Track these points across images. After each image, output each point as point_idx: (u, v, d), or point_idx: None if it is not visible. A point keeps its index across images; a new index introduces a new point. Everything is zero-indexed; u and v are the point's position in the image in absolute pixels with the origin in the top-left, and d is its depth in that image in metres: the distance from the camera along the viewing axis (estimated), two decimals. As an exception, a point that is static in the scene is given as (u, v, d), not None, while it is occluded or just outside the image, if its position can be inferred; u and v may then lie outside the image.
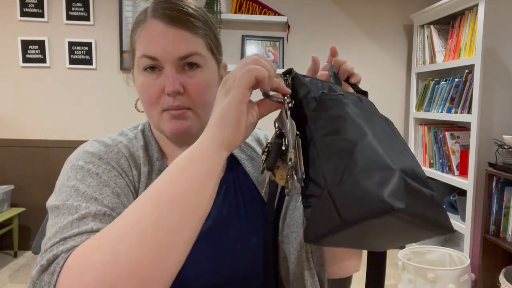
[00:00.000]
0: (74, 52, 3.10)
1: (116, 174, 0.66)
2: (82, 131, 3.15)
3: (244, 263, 0.71)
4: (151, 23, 0.67)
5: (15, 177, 3.14)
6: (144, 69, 0.68)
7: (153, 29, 0.66)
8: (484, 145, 2.37)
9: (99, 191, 0.61)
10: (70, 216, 0.56)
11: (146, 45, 0.67)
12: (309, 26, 3.24)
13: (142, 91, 0.70)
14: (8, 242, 3.11)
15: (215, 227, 0.71)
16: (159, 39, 0.66)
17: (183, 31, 0.66)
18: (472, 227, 2.40)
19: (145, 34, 0.67)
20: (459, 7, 2.58)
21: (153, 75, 0.68)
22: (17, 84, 3.10)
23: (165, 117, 0.69)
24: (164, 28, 0.66)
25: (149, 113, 0.72)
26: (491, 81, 2.37)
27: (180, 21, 0.66)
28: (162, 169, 0.72)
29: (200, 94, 0.69)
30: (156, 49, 0.66)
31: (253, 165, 0.80)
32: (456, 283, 2.04)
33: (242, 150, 0.82)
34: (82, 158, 0.67)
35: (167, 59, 0.66)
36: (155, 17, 0.67)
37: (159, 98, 0.68)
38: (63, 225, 0.55)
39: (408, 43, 3.33)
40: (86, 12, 3.07)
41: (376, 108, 0.64)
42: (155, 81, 0.67)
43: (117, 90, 3.16)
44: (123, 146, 0.71)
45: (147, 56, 0.66)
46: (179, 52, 0.66)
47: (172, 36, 0.66)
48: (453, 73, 2.96)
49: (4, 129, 3.13)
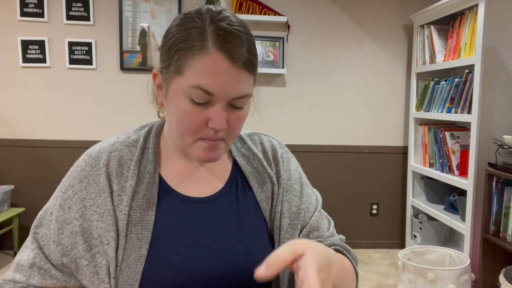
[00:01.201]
0: (74, 52, 3.10)
1: (86, 205, 0.71)
2: (82, 131, 3.15)
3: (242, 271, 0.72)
4: (215, 56, 0.62)
5: (15, 177, 3.14)
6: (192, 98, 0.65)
7: (217, 65, 0.62)
8: (484, 145, 2.37)
9: (61, 229, 0.71)
10: (24, 257, 0.73)
11: (205, 78, 0.62)
12: (309, 26, 3.24)
13: (183, 118, 0.66)
14: (8, 242, 3.12)
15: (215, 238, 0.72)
16: (221, 77, 0.62)
17: (244, 72, 0.64)
18: (472, 227, 2.40)
19: (206, 65, 0.62)
20: (459, 7, 2.58)
21: (200, 106, 0.65)
22: (17, 84, 3.10)
23: (200, 145, 0.69)
24: (228, 67, 0.62)
25: (182, 137, 0.69)
26: (491, 81, 2.37)
27: (244, 61, 0.63)
28: (151, 182, 0.73)
29: (238, 128, 0.70)
30: (215, 87, 0.63)
31: (257, 179, 0.79)
32: (456, 283, 2.04)
33: (250, 161, 0.81)
34: (70, 176, 0.75)
35: (222, 98, 0.64)
36: (220, 50, 0.62)
37: (199, 128, 0.67)
38: (18, 262, 0.74)
39: (408, 43, 3.33)
40: (86, 12, 3.07)
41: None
42: (201, 112, 0.65)
43: (117, 90, 3.16)
44: (113, 157, 0.73)
45: (204, 90, 0.63)
46: (235, 93, 0.64)
47: (234, 76, 0.63)
48: (453, 73, 2.96)
49: (4, 129, 3.13)
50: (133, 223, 0.70)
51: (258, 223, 0.77)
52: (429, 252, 2.37)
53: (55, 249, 0.70)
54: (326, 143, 3.36)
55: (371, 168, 3.42)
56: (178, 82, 0.65)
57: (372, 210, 3.45)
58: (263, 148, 0.84)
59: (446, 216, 2.70)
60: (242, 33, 0.65)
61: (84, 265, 0.68)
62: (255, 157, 0.81)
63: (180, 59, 0.64)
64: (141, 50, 3.13)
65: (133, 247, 0.68)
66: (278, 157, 0.83)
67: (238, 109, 0.67)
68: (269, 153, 0.83)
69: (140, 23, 3.11)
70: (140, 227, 0.69)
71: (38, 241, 0.73)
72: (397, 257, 2.32)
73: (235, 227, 0.74)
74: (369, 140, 3.39)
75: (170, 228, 0.71)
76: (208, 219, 0.73)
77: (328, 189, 3.38)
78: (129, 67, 3.14)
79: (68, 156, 3.11)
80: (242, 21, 0.67)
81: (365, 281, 2.75)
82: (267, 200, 0.78)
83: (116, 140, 0.77)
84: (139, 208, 0.71)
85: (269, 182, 0.79)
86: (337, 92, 3.32)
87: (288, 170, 0.82)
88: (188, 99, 0.64)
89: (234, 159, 0.81)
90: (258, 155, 0.81)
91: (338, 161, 3.38)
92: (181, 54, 0.63)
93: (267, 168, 0.80)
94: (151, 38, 3.12)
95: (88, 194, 0.71)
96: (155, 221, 0.71)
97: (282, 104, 3.23)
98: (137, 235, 0.69)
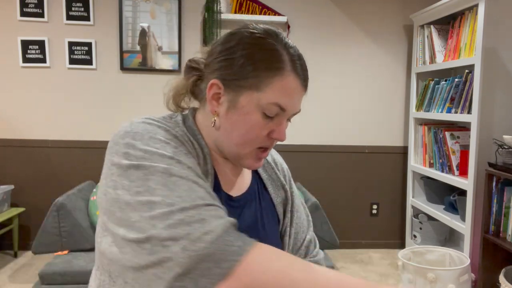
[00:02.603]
0: (74, 52, 3.10)
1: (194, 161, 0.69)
2: (82, 131, 3.15)
3: None
4: (293, 78, 0.70)
5: (15, 177, 3.14)
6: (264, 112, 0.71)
7: (293, 85, 0.70)
8: (484, 145, 2.37)
9: (195, 169, 0.64)
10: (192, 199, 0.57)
11: (283, 96, 0.70)
12: (309, 26, 3.24)
13: (252, 129, 0.71)
14: (8, 242, 3.12)
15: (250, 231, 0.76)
16: (295, 96, 0.71)
17: (304, 92, 0.74)
18: (472, 227, 2.40)
19: (284, 85, 0.70)
20: (459, 7, 2.58)
21: (268, 119, 0.71)
22: (17, 84, 3.10)
23: (256, 154, 0.74)
24: (300, 87, 0.72)
25: (242, 146, 0.72)
26: (491, 81, 2.37)
27: (307, 83, 0.74)
28: (211, 173, 0.73)
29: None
30: (289, 104, 0.71)
31: (273, 186, 0.87)
32: (456, 283, 2.04)
33: (265, 169, 0.88)
34: (153, 139, 0.63)
35: (289, 113, 0.72)
36: (296, 73, 0.71)
37: (264, 139, 0.73)
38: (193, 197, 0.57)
39: (408, 43, 3.33)
40: (86, 12, 3.07)
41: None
42: (267, 124, 0.71)
43: (117, 90, 3.16)
44: (175, 132, 0.69)
45: (281, 107, 0.70)
46: (297, 110, 0.74)
47: (300, 95, 0.73)
48: (453, 73, 2.96)
49: (4, 129, 3.13)
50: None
51: (274, 222, 0.85)
52: (429, 252, 2.37)
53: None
54: (326, 143, 3.36)
55: (371, 168, 3.42)
56: (254, 96, 0.69)
57: (372, 210, 3.45)
58: (272, 158, 0.92)
59: (446, 216, 2.70)
60: (303, 58, 0.75)
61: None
62: (269, 165, 0.89)
63: (258, 77, 0.69)
64: (141, 50, 3.13)
65: None
66: (285, 171, 0.93)
67: (289, 121, 0.76)
68: (278, 164, 0.92)
69: (140, 23, 3.11)
70: None
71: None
72: (397, 257, 2.32)
73: (261, 226, 0.81)
74: (369, 140, 3.39)
75: None
76: (245, 217, 0.78)
77: (328, 189, 3.38)
78: (129, 67, 3.14)
79: (68, 156, 3.10)
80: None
81: (365, 281, 2.74)
82: (280, 204, 0.87)
83: (161, 119, 0.72)
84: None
85: (281, 189, 0.88)
86: (337, 92, 3.32)
87: (294, 187, 0.93)
88: (260, 113, 0.70)
89: None
90: (271, 163, 0.90)
91: (338, 161, 3.38)
92: (259, 72, 0.69)
93: (280, 176, 0.89)
94: (151, 38, 3.12)
95: (190, 153, 0.68)
96: None
97: (282, 104, 3.23)
98: None
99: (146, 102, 3.16)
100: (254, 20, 3.10)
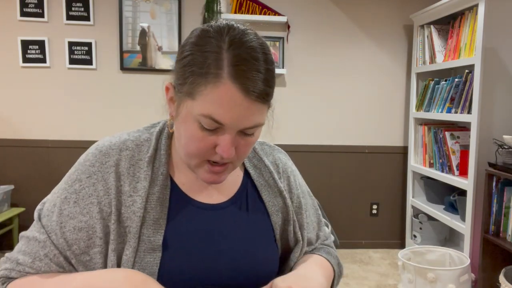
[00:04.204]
0: (74, 52, 3.10)
1: (93, 202, 0.69)
2: (82, 131, 3.15)
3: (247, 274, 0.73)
4: (228, 88, 0.59)
5: (15, 177, 3.14)
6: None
7: (230, 97, 0.59)
8: (484, 145, 2.37)
9: (64, 223, 0.68)
10: (32, 244, 0.70)
11: (217, 109, 0.60)
12: (309, 26, 3.24)
13: (190, 141, 0.65)
14: (8, 242, 3.12)
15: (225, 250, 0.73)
16: (234, 110, 0.60)
17: (257, 103, 0.62)
18: (472, 227, 2.40)
19: (219, 97, 0.60)
20: (459, 7, 2.58)
21: (209, 132, 0.63)
22: (17, 84, 3.10)
23: (206, 168, 0.68)
24: (242, 100, 0.60)
25: (188, 157, 0.68)
26: (491, 81, 2.37)
27: (258, 93, 0.61)
28: (164, 185, 0.71)
29: (246, 153, 0.69)
30: (226, 118, 0.61)
31: (269, 192, 0.80)
32: (456, 283, 2.04)
33: (261, 174, 0.81)
34: (78, 169, 0.72)
35: (232, 128, 0.62)
36: (235, 82, 0.59)
37: (207, 152, 0.65)
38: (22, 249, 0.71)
39: (408, 43, 3.33)
40: (86, 12, 3.07)
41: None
42: (209, 137, 0.64)
43: (117, 90, 3.16)
44: (124, 157, 0.71)
45: (215, 120, 0.61)
46: (246, 125, 0.63)
47: (246, 108, 0.61)
48: (453, 73, 2.96)
49: (4, 129, 3.13)
50: (146, 225, 0.68)
51: (267, 233, 0.78)
52: (429, 252, 2.37)
53: (57, 241, 0.68)
54: (326, 143, 3.36)
55: (371, 168, 3.42)
56: (189, 105, 0.63)
57: (372, 210, 3.45)
58: (273, 159, 0.84)
59: (446, 216, 2.70)
60: (261, 61, 0.61)
61: (86, 261, 0.68)
62: (266, 169, 0.81)
63: (193, 83, 0.61)
64: (141, 50, 3.13)
65: (146, 249, 0.67)
66: (289, 172, 0.85)
67: (248, 136, 0.66)
68: (280, 166, 0.84)
69: (140, 23, 3.11)
70: (152, 229, 0.68)
71: (45, 228, 0.70)
72: (397, 257, 2.32)
73: (243, 235, 0.74)
74: (369, 140, 3.39)
75: (181, 232, 0.70)
76: (217, 226, 0.73)
77: (328, 189, 3.38)
78: (129, 67, 3.13)
79: (68, 156, 3.10)
80: (263, 44, 0.64)
81: (365, 281, 2.75)
82: (277, 213, 0.79)
83: (127, 137, 0.74)
84: (153, 211, 0.69)
85: (279, 196, 0.80)
86: (337, 92, 3.32)
87: (299, 185, 0.86)
88: (197, 124, 0.63)
89: (245, 169, 0.81)
90: (270, 167, 0.82)
91: (338, 161, 3.38)
92: (194, 79, 0.61)
93: (278, 182, 0.81)
94: (151, 38, 3.12)
95: (96, 191, 0.69)
96: (166, 224, 0.70)
97: (282, 104, 3.23)
98: (149, 238, 0.68)
99: (146, 102, 3.16)
100: (254, 20, 3.11)
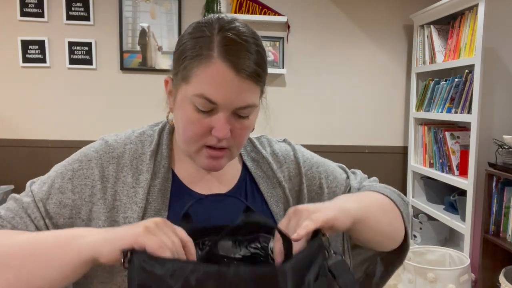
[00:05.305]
0: (74, 52, 3.10)
1: (87, 184, 0.72)
2: (82, 131, 3.15)
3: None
4: (219, 67, 0.63)
5: (15, 177, 3.14)
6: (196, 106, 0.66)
7: (221, 75, 0.63)
8: (484, 145, 2.37)
9: (52, 195, 0.71)
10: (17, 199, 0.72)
11: (209, 88, 0.63)
12: (309, 26, 3.24)
13: (187, 125, 0.68)
14: (8, 242, 3.11)
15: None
16: (225, 88, 0.63)
17: (248, 82, 0.65)
18: (472, 227, 2.40)
19: (210, 75, 0.63)
20: (459, 7, 2.58)
21: (204, 114, 0.66)
22: (17, 84, 3.10)
23: (204, 153, 0.70)
24: (233, 77, 0.63)
25: (187, 144, 0.70)
26: (491, 81, 2.37)
27: (249, 72, 0.64)
28: (166, 177, 0.74)
29: (243, 137, 0.71)
30: (218, 96, 0.64)
31: (267, 183, 0.81)
32: (456, 283, 2.04)
33: (260, 166, 0.82)
34: (82, 152, 0.78)
35: (225, 107, 0.65)
36: (225, 60, 0.63)
37: (203, 136, 0.68)
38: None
39: (408, 43, 3.33)
40: (86, 12, 3.07)
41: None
42: (204, 119, 0.66)
43: (117, 90, 3.16)
44: (128, 150, 0.75)
45: (207, 99, 0.64)
46: (239, 103, 0.65)
47: (237, 86, 0.64)
48: (453, 73, 2.96)
49: (4, 129, 3.13)
50: (148, 215, 0.71)
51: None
52: (429, 252, 2.37)
53: (41, 208, 0.70)
54: (326, 143, 3.36)
55: (371, 168, 3.41)
56: (184, 89, 0.67)
57: (372, 210, 3.45)
58: (272, 150, 0.85)
59: (446, 216, 2.70)
60: (251, 44, 0.65)
61: None
62: (264, 161, 0.83)
63: (186, 68, 0.65)
64: (141, 50, 3.13)
65: None
66: (292, 156, 0.86)
67: (243, 118, 0.68)
68: (280, 155, 0.85)
69: (140, 23, 3.11)
70: None
71: (32, 193, 0.72)
72: (397, 257, 2.31)
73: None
74: (369, 140, 3.39)
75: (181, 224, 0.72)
76: (217, 217, 0.74)
77: (328, 189, 3.37)
78: (129, 67, 3.13)
79: (68, 156, 3.10)
80: (253, 32, 0.68)
81: (365, 281, 2.74)
82: (276, 203, 0.80)
83: (132, 133, 0.79)
84: (155, 202, 0.72)
85: (278, 187, 0.81)
86: (337, 92, 3.32)
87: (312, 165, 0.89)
88: (192, 106, 0.66)
89: (244, 163, 0.83)
90: (268, 158, 0.83)
91: (338, 161, 3.37)
92: (188, 63, 0.65)
93: (276, 173, 0.82)
94: (151, 38, 3.12)
95: (92, 175, 0.72)
96: (167, 216, 0.72)
97: (282, 104, 3.23)
98: None
99: (146, 102, 3.16)
100: (254, 20, 3.11)
